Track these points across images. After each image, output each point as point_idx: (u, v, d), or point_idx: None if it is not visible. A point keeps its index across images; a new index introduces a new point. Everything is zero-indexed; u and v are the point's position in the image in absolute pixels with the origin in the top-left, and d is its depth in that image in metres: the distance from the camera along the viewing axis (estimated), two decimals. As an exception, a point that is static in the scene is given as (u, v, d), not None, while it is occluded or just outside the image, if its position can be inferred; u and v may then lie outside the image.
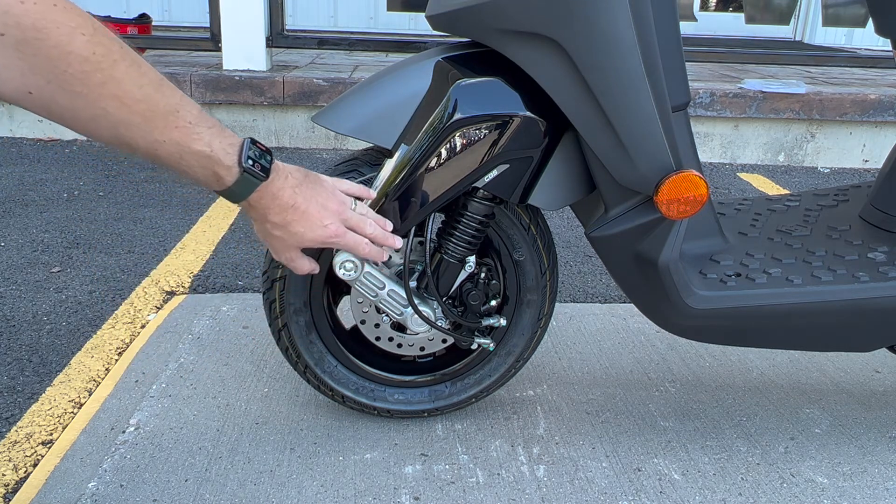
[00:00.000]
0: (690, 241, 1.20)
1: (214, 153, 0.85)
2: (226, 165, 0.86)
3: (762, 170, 3.29)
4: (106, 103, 0.75)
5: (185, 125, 0.81)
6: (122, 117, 0.76)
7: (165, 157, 0.82)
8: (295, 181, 0.95)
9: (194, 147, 0.83)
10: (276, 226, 0.95)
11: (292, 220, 0.95)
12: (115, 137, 0.78)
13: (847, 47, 5.25)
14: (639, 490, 1.18)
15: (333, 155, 3.17)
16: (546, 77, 1.00)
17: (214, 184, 0.88)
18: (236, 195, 0.90)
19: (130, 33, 3.41)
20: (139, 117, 0.77)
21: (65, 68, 0.71)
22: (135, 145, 0.80)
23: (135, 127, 0.77)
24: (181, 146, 0.82)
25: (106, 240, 2.11)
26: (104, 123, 0.76)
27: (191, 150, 0.83)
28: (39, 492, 1.11)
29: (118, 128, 0.77)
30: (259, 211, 0.93)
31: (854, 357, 1.63)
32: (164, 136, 0.80)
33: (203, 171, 0.85)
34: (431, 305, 1.18)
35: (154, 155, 0.82)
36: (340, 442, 1.26)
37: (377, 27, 5.22)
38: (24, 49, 0.68)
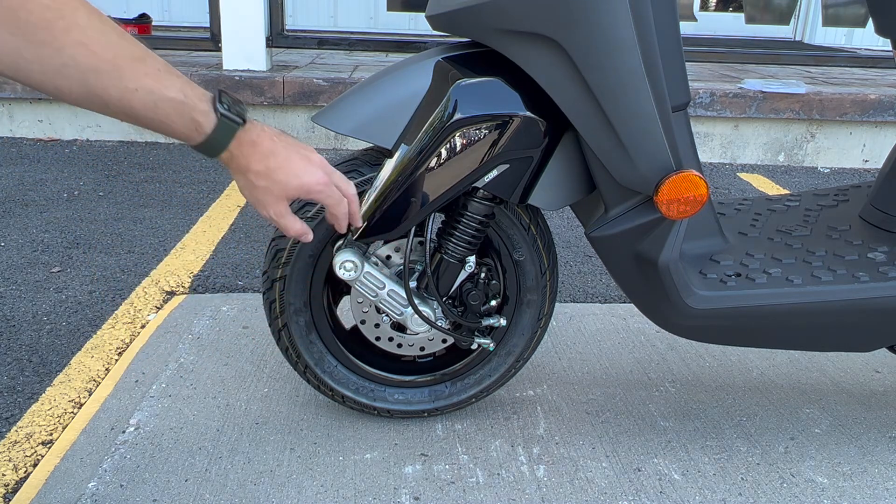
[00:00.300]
0: (690, 241, 1.20)
1: (189, 99, 0.82)
2: (202, 111, 0.84)
3: (762, 170, 3.29)
4: (73, 51, 0.73)
5: (155, 72, 0.79)
6: (90, 64, 0.74)
7: (140, 107, 0.79)
8: (272, 131, 0.93)
9: (168, 94, 0.80)
10: (259, 175, 0.91)
11: (276, 168, 0.92)
12: (85, 90, 0.76)
13: (847, 47, 5.25)
14: (639, 490, 1.18)
15: (333, 155, 3.17)
16: (546, 77, 1.00)
17: (193, 132, 0.85)
18: (216, 143, 0.87)
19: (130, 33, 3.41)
20: (108, 64, 0.75)
21: (27, 17, 0.70)
22: (107, 97, 0.77)
23: (105, 74, 0.75)
24: (155, 94, 0.79)
25: (106, 240, 2.11)
26: (73, 74, 0.74)
27: (165, 97, 0.80)
28: (39, 492, 1.11)
29: (88, 77, 0.75)
30: (240, 161, 0.90)
31: (854, 357, 1.63)
32: (135, 84, 0.77)
33: (180, 120, 0.82)
34: (431, 305, 1.18)
35: (128, 107, 0.79)
36: (340, 442, 1.26)
37: (377, 27, 5.22)
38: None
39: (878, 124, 3.35)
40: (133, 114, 0.80)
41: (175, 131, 0.83)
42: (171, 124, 0.82)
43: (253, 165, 0.91)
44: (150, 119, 0.81)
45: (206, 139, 0.86)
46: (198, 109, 0.83)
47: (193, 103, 0.83)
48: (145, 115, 0.80)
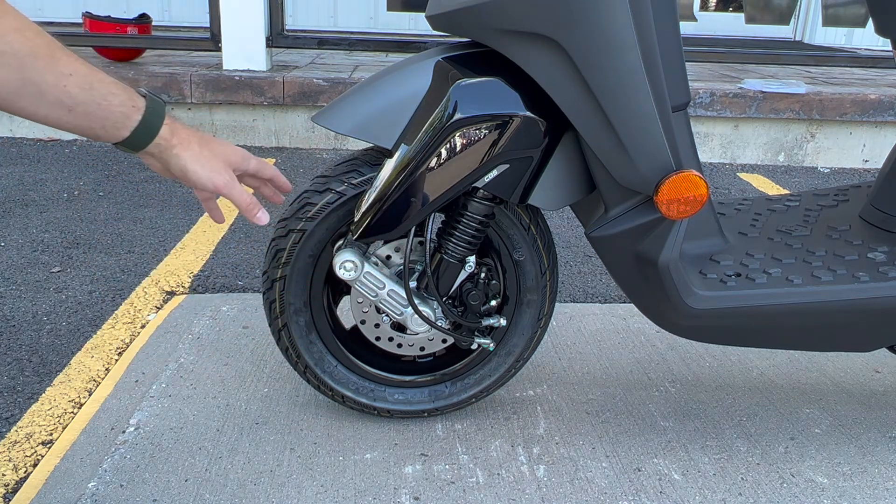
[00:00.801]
0: (690, 241, 1.20)
1: (118, 81, 0.83)
2: (132, 91, 0.84)
3: (762, 170, 3.29)
4: (11, 37, 0.74)
5: (82, 60, 0.80)
6: (27, 50, 0.75)
7: (76, 91, 0.79)
8: None
9: (99, 76, 0.81)
10: (203, 142, 0.93)
11: (209, 140, 0.94)
12: (21, 78, 0.76)
13: (847, 47, 5.25)
14: (639, 490, 1.18)
15: (333, 155, 3.17)
16: (546, 77, 1.00)
17: (130, 110, 0.84)
18: (154, 121, 0.86)
19: (130, 33, 3.41)
20: (43, 49, 0.76)
21: None
22: (43, 83, 0.77)
23: (41, 61, 0.76)
24: (89, 77, 0.80)
25: (106, 240, 2.11)
26: (11, 62, 0.74)
27: (98, 79, 0.80)
28: (39, 492, 1.11)
29: (25, 64, 0.75)
30: (182, 135, 0.90)
31: (854, 357, 1.63)
32: (70, 69, 0.78)
33: (117, 99, 0.82)
34: (431, 305, 1.18)
35: (64, 92, 0.78)
36: (340, 442, 1.26)
37: (377, 27, 5.22)
38: None
39: (878, 124, 3.35)
40: (70, 100, 0.79)
41: (110, 115, 0.82)
42: (108, 106, 0.82)
43: (195, 136, 0.92)
44: (88, 102, 0.80)
45: (141, 119, 0.85)
46: (129, 91, 0.84)
47: (123, 84, 0.84)
48: (81, 100, 0.80)
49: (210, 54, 3.50)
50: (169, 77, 3.06)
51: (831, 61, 4.05)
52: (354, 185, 1.13)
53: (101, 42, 3.39)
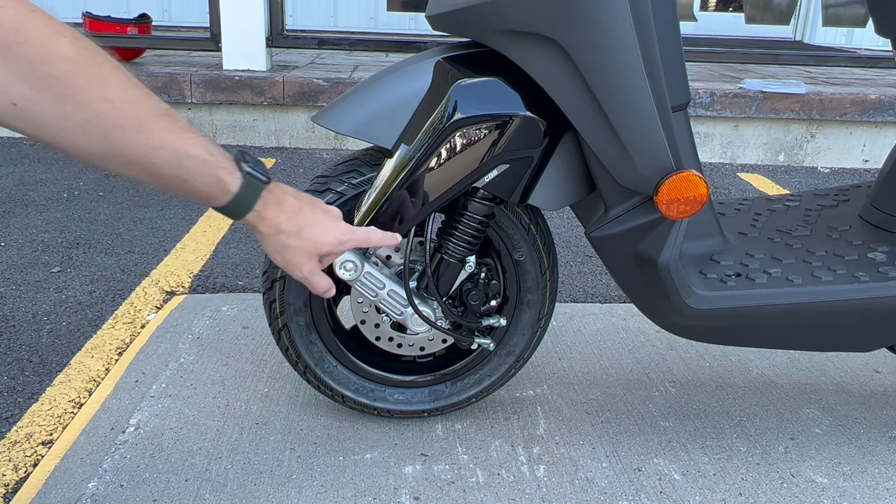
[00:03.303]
0: (690, 241, 1.20)
1: (213, 157, 0.80)
2: (227, 169, 0.82)
3: (762, 170, 3.29)
4: (96, 106, 0.70)
5: (178, 129, 0.77)
6: (114, 121, 0.71)
7: (164, 165, 0.76)
8: (291, 189, 0.92)
9: (192, 151, 0.77)
10: (291, 235, 0.91)
11: (305, 225, 0.91)
12: (108, 148, 0.73)
13: (847, 47, 5.25)
14: (639, 490, 1.18)
15: (333, 155, 3.17)
16: (546, 77, 1.00)
17: (218, 191, 0.82)
18: (243, 204, 0.85)
19: (130, 33, 3.41)
20: (132, 120, 0.72)
21: (49, 71, 0.67)
22: (129, 154, 0.74)
23: (129, 132, 0.72)
24: (179, 151, 0.76)
25: (106, 240, 2.11)
26: (96, 131, 0.71)
27: (189, 155, 0.77)
28: (39, 492, 1.11)
29: (111, 133, 0.72)
30: (270, 222, 0.89)
31: (854, 357, 1.63)
32: (159, 141, 0.75)
33: (205, 179, 0.80)
34: (431, 305, 1.18)
35: (151, 165, 0.76)
36: (340, 442, 1.26)
37: (377, 27, 5.22)
38: (6, 54, 0.65)
39: (878, 124, 3.35)
40: (156, 172, 0.77)
41: (199, 191, 0.81)
42: (194, 183, 0.79)
43: (284, 226, 0.90)
44: (174, 177, 0.78)
45: (232, 199, 0.83)
46: (223, 167, 0.81)
47: (218, 161, 0.80)
48: (168, 173, 0.77)
49: (210, 54, 3.50)
50: (169, 77, 3.06)
51: (831, 61, 4.05)
52: (354, 185, 1.13)
53: (100, 42, 3.32)
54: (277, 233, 0.90)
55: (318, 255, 0.95)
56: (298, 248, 0.92)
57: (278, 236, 0.91)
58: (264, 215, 0.88)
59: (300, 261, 0.93)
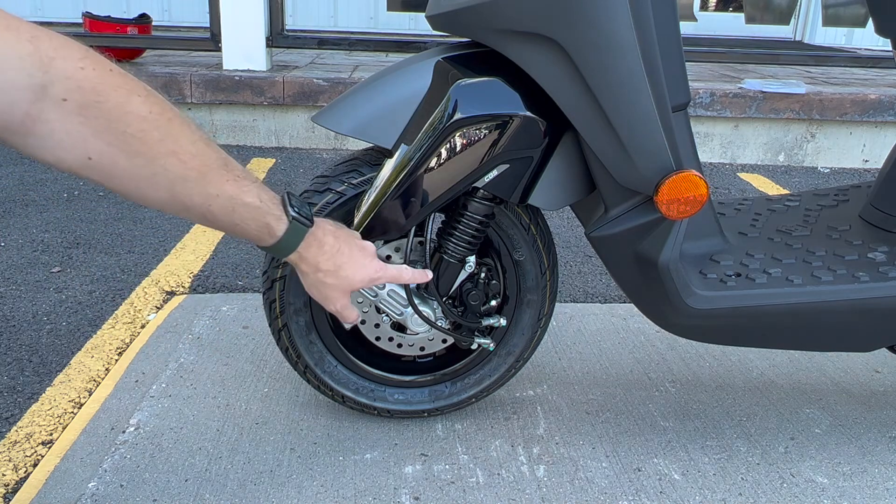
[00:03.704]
0: (690, 241, 1.20)
1: (264, 204, 0.86)
2: (275, 215, 0.89)
3: (762, 170, 3.29)
4: (165, 161, 0.76)
5: (234, 178, 0.83)
6: (179, 173, 0.78)
7: (218, 211, 0.83)
8: (332, 227, 0.98)
9: (246, 199, 0.84)
10: (328, 273, 0.97)
11: (342, 265, 0.97)
12: (171, 197, 0.79)
13: (847, 47, 5.25)
14: (639, 490, 1.18)
15: (333, 155, 3.17)
16: (546, 77, 1.00)
17: (266, 236, 0.89)
18: (288, 245, 0.91)
19: (130, 33, 3.41)
20: (195, 172, 0.79)
21: (124, 128, 0.72)
22: (189, 203, 0.81)
23: (191, 182, 0.79)
24: (234, 199, 0.83)
25: (106, 240, 2.11)
26: (162, 182, 0.77)
27: (243, 203, 0.84)
28: (39, 492, 1.11)
29: (175, 185, 0.78)
30: (310, 262, 0.95)
31: (854, 357, 1.63)
32: (217, 190, 0.81)
33: (255, 223, 0.87)
34: (431, 305, 1.18)
35: (206, 211, 0.83)
36: (340, 442, 1.26)
37: (377, 27, 5.22)
38: (86, 113, 0.70)
39: (878, 124, 3.35)
40: (212, 218, 0.84)
41: (248, 234, 0.88)
42: (245, 227, 0.87)
43: (322, 265, 0.96)
44: (227, 222, 0.85)
45: (277, 242, 0.91)
46: (272, 214, 0.88)
47: (268, 208, 0.87)
48: (223, 219, 0.84)
49: (210, 54, 3.50)
50: (169, 77, 3.06)
51: (831, 61, 4.05)
52: (354, 185, 1.13)
53: (101, 42, 3.38)
54: (316, 271, 0.97)
55: (352, 291, 1.01)
56: (334, 286, 0.98)
57: (316, 274, 0.97)
58: (305, 256, 0.94)
59: (336, 296, 1.00)
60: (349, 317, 1.04)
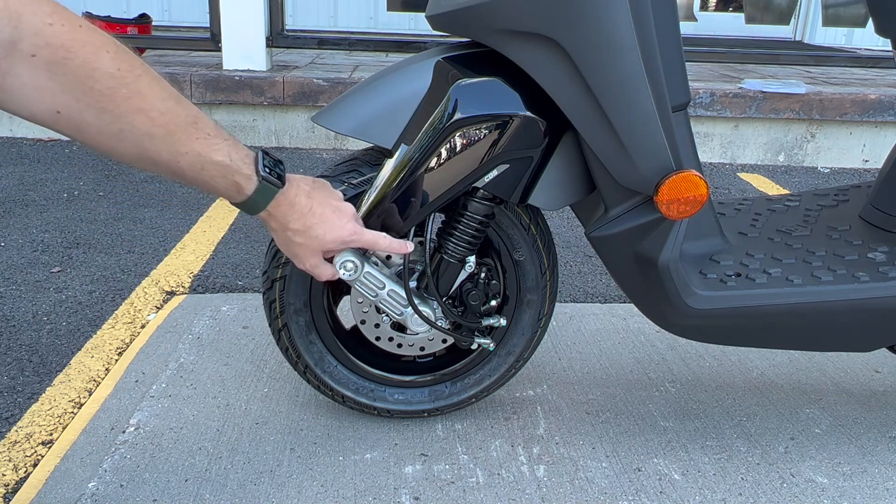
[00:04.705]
0: (690, 241, 1.20)
1: (234, 163, 0.87)
2: (245, 174, 0.89)
3: (762, 170, 3.29)
4: (132, 117, 0.77)
5: (204, 136, 0.84)
6: (146, 130, 0.78)
7: (187, 168, 0.84)
8: (308, 187, 0.97)
9: (215, 157, 0.85)
10: (297, 232, 0.97)
11: (312, 224, 0.96)
12: (139, 153, 0.80)
13: (847, 47, 5.25)
14: (639, 490, 1.18)
15: (333, 155, 3.17)
16: (546, 77, 1.00)
17: (235, 194, 0.90)
18: (256, 205, 0.92)
19: (130, 33, 3.41)
20: (163, 129, 0.79)
21: (92, 84, 0.73)
22: (158, 159, 0.81)
23: (159, 139, 0.79)
24: (202, 157, 0.84)
25: (106, 240, 2.11)
26: (130, 138, 0.78)
27: (211, 161, 0.85)
28: (39, 492, 1.11)
29: (143, 142, 0.79)
30: (279, 220, 0.95)
31: (854, 357, 1.63)
32: (186, 148, 0.82)
33: (223, 181, 0.87)
34: (431, 305, 1.18)
35: (176, 168, 0.83)
36: (340, 442, 1.26)
37: (377, 27, 5.22)
38: (55, 69, 0.70)
39: (878, 124, 3.35)
40: (180, 173, 0.85)
41: (218, 191, 0.89)
42: (215, 185, 0.87)
43: (291, 224, 0.95)
44: (196, 179, 0.86)
45: (246, 200, 0.91)
46: (241, 173, 0.88)
47: (237, 166, 0.88)
48: (192, 176, 0.85)
49: (210, 54, 3.50)
50: (169, 77, 3.06)
51: (831, 61, 4.05)
52: (354, 185, 1.13)
53: (101, 42, 3.38)
54: (285, 230, 0.96)
55: (323, 251, 1.00)
56: (304, 245, 0.98)
57: (285, 233, 0.97)
58: (274, 214, 0.94)
59: (305, 255, 1.00)
60: (321, 274, 1.03)
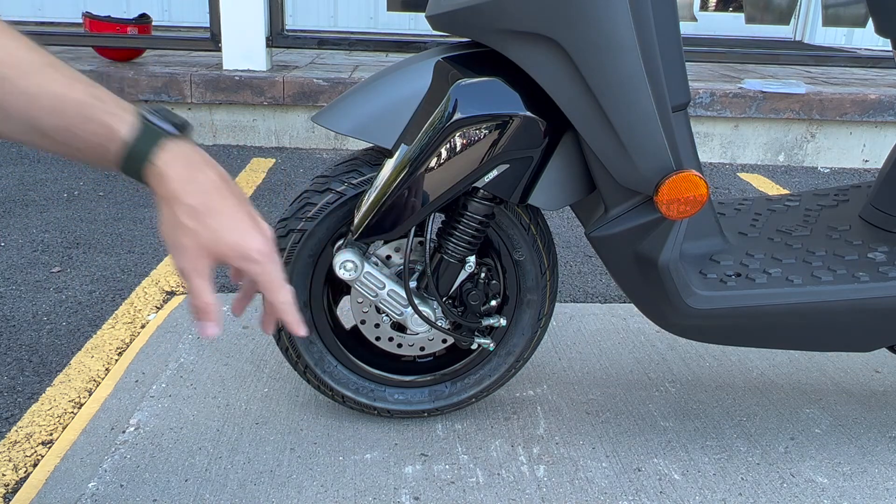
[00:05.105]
0: (690, 241, 1.20)
1: (99, 102, 0.68)
2: (116, 114, 0.68)
3: (762, 170, 3.29)
4: None
5: (63, 77, 0.67)
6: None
7: (45, 115, 0.66)
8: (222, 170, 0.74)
9: (73, 95, 0.66)
10: (190, 211, 0.70)
11: (215, 209, 0.70)
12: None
13: (847, 47, 5.25)
14: (639, 490, 1.18)
15: (333, 155, 3.17)
16: (546, 77, 1.00)
17: (106, 140, 0.68)
18: (138, 154, 0.68)
19: (130, 33, 3.41)
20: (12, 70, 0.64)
21: None
22: (10, 108, 0.65)
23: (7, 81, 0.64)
24: (59, 96, 0.66)
25: (106, 240, 2.11)
26: None
27: (70, 99, 0.66)
28: (39, 492, 1.11)
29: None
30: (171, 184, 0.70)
31: (854, 357, 1.63)
32: (39, 89, 0.65)
33: (89, 126, 0.67)
34: (431, 305, 1.18)
35: (31, 117, 0.66)
36: (340, 442, 1.26)
37: (377, 27, 5.22)
38: None
39: (878, 124, 3.35)
40: (37, 124, 0.67)
41: (87, 142, 0.68)
42: (80, 133, 0.67)
43: (185, 196, 0.70)
44: (57, 128, 0.67)
45: (123, 149, 0.68)
46: (110, 112, 0.68)
47: (105, 106, 0.68)
48: (51, 124, 0.67)
49: (210, 54, 3.50)
50: (169, 77, 3.06)
51: (831, 61, 4.05)
52: (354, 185, 1.13)
53: (101, 42, 3.39)
54: (175, 201, 0.70)
55: (213, 255, 0.71)
56: (194, 233, 0.71)
57: (174, 206, 0.71)
58: (165, 172, 0.70)
59: (187, 248, 0.71)
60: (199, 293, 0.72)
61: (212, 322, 0.73)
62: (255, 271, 0.72)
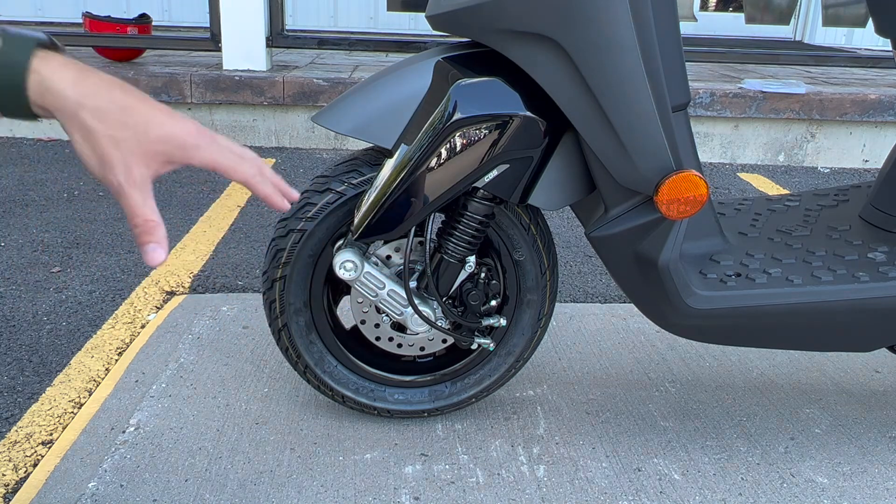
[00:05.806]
0: (690, 241, 1.20)
1: None
2: None
3: (762, 170, 3.29)
4: None
5: None
6: None
7: None
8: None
9: None
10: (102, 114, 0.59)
11: (124, 106, 0.60)
12: None
13: (847, 47, 5.25)
14: (639, 490, 1.18)
15: (333, 155, 3.17)
16: (546, 77, 1.00)
17: None
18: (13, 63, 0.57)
19: (130, 33, 3.41)
20: None
21: None
22: None
23: None
24: None
25: (106, 240, 2.11)
26: None
27: None
28: (39, 492, 1.11)
29: None
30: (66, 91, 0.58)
31: (854, 357, 1.63)
32: None
33: None
34: (431, 305, 1.18)
35: None
36: (340, 442, 1.26)
37: (377, 27, 5.22)
38: None
39: (878, 124, 3.35)
40: None
41: None
42: None
43: (88, 99, 0.59)
44: None
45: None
46: None
47: None
48: None
49: (210, 54, 3.50)
50: (169, 77, 3.06)
51: (831, 61, 4.05)
52: (354, 185, 1.13)
53: (101, 42, 3.39)
54: (79, 108, 0.59)
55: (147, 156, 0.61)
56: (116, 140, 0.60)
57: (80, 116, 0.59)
58: (53, 80, 0.58)
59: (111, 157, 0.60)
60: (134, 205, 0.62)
61: (156, 243, 0.63)
62: (203, 157, 0.63)
